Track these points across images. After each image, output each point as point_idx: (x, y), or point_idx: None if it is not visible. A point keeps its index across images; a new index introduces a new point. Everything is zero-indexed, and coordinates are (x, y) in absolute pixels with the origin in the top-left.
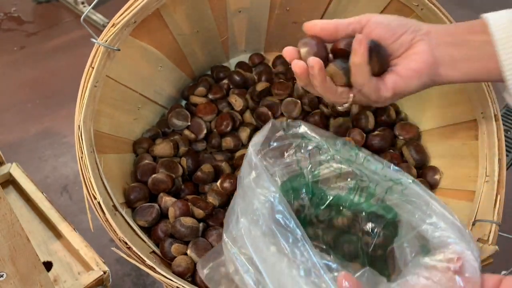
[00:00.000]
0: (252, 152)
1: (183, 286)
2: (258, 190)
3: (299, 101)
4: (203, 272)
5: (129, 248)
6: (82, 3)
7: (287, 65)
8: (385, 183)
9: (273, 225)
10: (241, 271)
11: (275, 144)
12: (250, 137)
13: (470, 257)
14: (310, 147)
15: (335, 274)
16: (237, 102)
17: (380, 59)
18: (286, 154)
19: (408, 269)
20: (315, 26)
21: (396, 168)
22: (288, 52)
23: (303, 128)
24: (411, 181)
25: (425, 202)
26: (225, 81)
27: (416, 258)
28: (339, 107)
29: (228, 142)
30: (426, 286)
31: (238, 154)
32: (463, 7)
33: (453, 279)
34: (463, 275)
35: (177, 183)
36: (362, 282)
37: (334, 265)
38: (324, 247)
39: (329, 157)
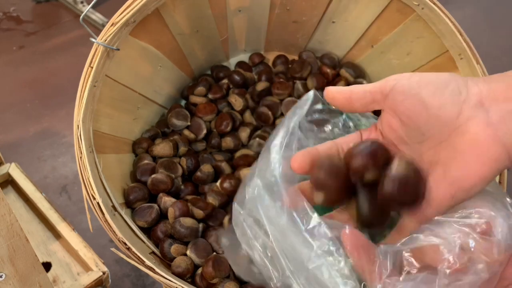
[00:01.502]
0: (288, 118)
1: (182, 287)
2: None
3: None
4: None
5: (128, 248)
6: (82, 2)
7: (287, 64)
8: None
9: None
10: (249, 234)
11: (311, 116)
12: (250, 137)
13: (502, 222)
14: (348, 125)
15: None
16: (237, 102)
17: (402, 198)
18: (322, 129)
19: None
20: (328, 93)
21: None
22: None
23: None
24: None
25: None
26: (225, 80)
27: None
28: None
29: (228, 142)
30: (437, 247)
31: (238, 154)
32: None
33: (477, 241)
34: (491, 237)
35: (177, 183)
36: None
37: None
38: None
39: None
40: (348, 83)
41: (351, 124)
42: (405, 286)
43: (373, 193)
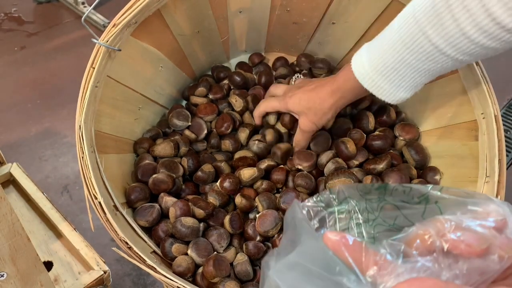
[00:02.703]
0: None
1: (183, 286)
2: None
3: None
4: None
5: (129, 248)
6: (83, 3)
7: (287, 67)
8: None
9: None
10: None
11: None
12: (249, 138)
13: None
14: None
15: None
16: (237, 102)
17: None
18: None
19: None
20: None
21: (418, 186)
22: None
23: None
24: (438, 191)
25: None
26: (226, 81)
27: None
28: None
29: (227, 144)
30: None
31: (237, 155)
32: None
33: (494, 234)
34: (506, 233)
35: (178, 183)
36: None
37: None
38: None
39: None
40: None
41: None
42: (407, 268)
43: None
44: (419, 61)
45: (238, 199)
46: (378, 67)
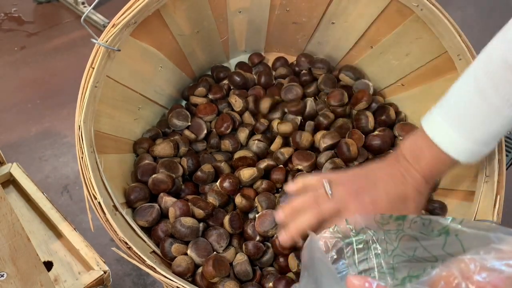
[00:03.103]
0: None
1: (183, 286)
2: None
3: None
4: None
5: (129, 248)
6: (83, 3)
7: (287, 67)
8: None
9: None
10: None
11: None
12: (248, 138)
13: None
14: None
15: None
16: (237, 102)
17: None
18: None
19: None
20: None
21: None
22: None
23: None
24: (458, 224)
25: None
26: (225, 81)
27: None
28: None
29: (226, 144)
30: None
31: (236, 155)
32: (466, 7)
33: None
34: None
35: (177, 183)
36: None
37: None
38: None
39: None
40: (348, 87)
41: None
42: None
43: None
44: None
45: (239, 199)
46: (476, 137)
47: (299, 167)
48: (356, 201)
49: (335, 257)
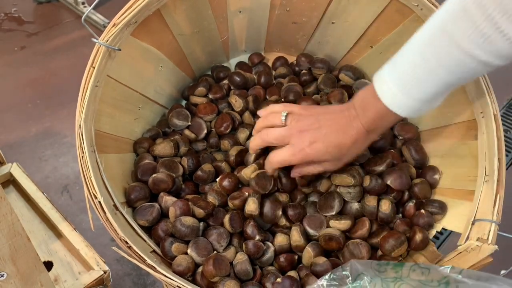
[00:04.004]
0: None
1: (183, 286)
2: None
3: None
4: None
5: (129, 247)
6: (83, 3)
7: (287, 67)
8: None
9: None
10: None
11: None
12: (248, 138)
13: None
14: None
15: None
16: (237, 102)
17: None
18: None
19: None
20: None
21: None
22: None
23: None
24: (459, 274)
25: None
26: (225, 81)
27: None
28: None
29: (226, 145)
30: None
31: (233, 151)
32: None
33: None
34: None
35: (178, 182)
36: None
37: None
38: None
39: None
40: (348, 86)
41: None
42: None
43: None
44: (449, 73)
45: (230, 204)
46: (416, 96)
47: None
48: (298, 138)
49: None
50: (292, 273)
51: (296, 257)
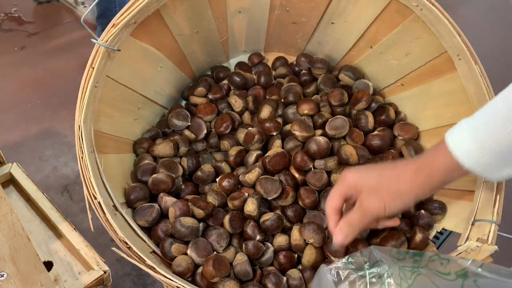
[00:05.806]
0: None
1: (183, 286)
2: None
3: None
4: None
5: (129, 248)
6: (83, 3)
7: (287, 67)
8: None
9: None
10: None
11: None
12: (248, 138)
13: None
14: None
15: None
16: (236, 103)
17: None
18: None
19: None
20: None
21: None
22: None
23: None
24: (478, 267)
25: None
26: (225, 81)
27: None
28: None
29: (225, 145)
30: None
31: (233, 151)
32: (466, 7)
33: None
34: None
35: (177, 183)
36: None
37: None
38: None
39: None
40: (348, 87)
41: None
42: None
43: None
44: None
45: (230, 204)
46: (487, 144)
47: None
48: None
49: None
50: (293, 271)
51: (296, 255)
